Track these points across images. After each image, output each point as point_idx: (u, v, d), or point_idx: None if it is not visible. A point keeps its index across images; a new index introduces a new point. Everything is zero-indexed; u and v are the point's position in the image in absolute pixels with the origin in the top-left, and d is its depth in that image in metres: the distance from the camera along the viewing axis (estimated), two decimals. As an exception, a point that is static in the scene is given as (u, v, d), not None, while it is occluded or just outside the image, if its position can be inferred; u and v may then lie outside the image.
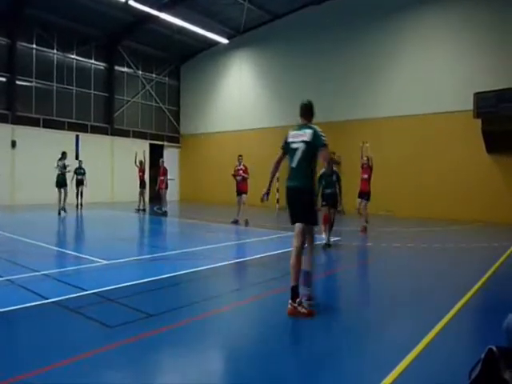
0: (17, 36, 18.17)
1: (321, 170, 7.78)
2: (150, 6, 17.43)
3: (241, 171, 12.45)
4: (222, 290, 5.48)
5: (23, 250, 8.02)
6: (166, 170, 15.52)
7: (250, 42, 21.28)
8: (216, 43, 21.97)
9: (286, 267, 6.53)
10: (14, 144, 17.98)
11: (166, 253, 7.68)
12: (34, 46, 18.93)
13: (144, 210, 15.75)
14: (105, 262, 6.55)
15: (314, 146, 4.35)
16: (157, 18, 18.70)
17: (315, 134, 4.37)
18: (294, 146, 4.45)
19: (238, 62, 22.07)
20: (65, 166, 14.07)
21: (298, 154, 4.39)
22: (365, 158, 11.00)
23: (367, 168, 10.94)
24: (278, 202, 17.76)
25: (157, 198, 16.47)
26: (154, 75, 23.85)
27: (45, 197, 16.68)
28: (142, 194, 15.86)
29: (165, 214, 14.72)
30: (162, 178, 15.15)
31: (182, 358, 3.28)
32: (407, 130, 15.94)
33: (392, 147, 16.01)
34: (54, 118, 19.59)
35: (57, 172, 14.03)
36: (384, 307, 4.73)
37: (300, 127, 4.60)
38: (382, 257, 7.89)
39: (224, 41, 21.09)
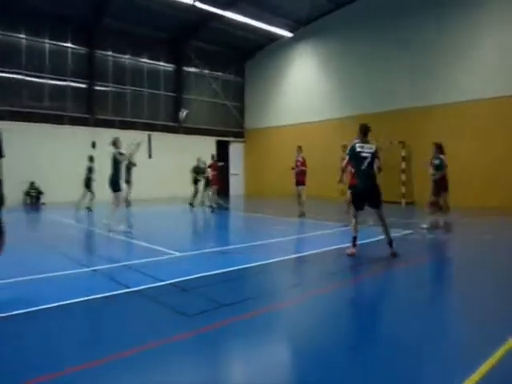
0: (95, 45, 19.54)
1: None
2: (215, 6, 17.84)
3: (298, 163, 12.33)
4: (289, 282, 5.53)
5: (103, 242, 8.68)
6: (218, 165, 15.38)
7: (312, 34, 21.00)
8: (279, 37, 21.99)
9: (350, 261, 6.48)
10: (94, 145, 19.37)
11: (235, 246, 7.86)
12: (110, 52, 20.24)
13: (212, 206, 15.99)
14: (178, 254, 6.88)
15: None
16: (221, 16, 19.12)
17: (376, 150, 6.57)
18: (364, 154, 6.44)
19: (302, 54, 21.90)
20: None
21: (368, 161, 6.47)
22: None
23: None
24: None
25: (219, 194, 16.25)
26: (219, 73, 24.43)
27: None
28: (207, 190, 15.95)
29: (212, 209, 14.51)
30: (214, 173, 15.01)
31: (256, 348, 3.36)
32: (480, 115, 14.86)
33: (463, 134, 15.02)
34: (128, 118, 20.84)
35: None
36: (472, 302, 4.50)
37: (364, 141, 6.57)
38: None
39: (287, 34, 21.04)
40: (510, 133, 14.18)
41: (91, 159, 14.99)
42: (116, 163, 9.71)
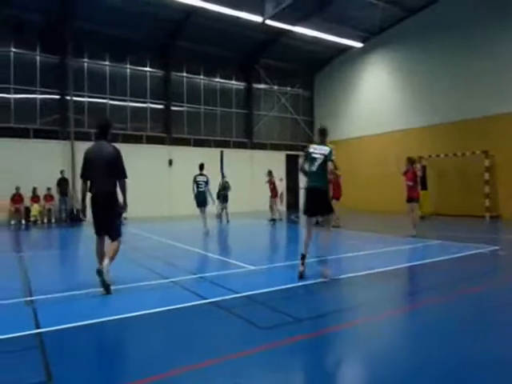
0: (170, 67, 20.73)
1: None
2: (284, 22, 18.11)
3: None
4: (366, 298, 5.30)
5: (180, 255, 9.00)
6: (273, 180, 15.97)
7: (385, 43, 20.48)
8: (348, 48, 21.74)
9: (433, 278, 6.08)
10: (170, 162, 20.41)
11: (308, 260, 7.74)
12: (184, 74, 21.33)
13: (277, 219, 16.02)
14: (252, 267, 6.93)
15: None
16: (290, 32, 19.36)
17: (331, 151, 6.08)
18: (314, 155, 6.11)
19: (374, 64, 21.41)
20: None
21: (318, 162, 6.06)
22: None
23: None
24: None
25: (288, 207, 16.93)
26: (288, 88, 24.66)
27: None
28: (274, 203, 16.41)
29: (273, 221, 15.07)
30: (271, 187, 15.74)
31: (328, 367, 3.26)
32: None
33: None
34: (202, 137, 21.70)
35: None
36: None
37: (319, 144, 6.32)
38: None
39: (358, 45, 20.72)
40: None
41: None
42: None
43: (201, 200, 11.83)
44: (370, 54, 21.36)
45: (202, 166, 11.96)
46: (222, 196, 16.23)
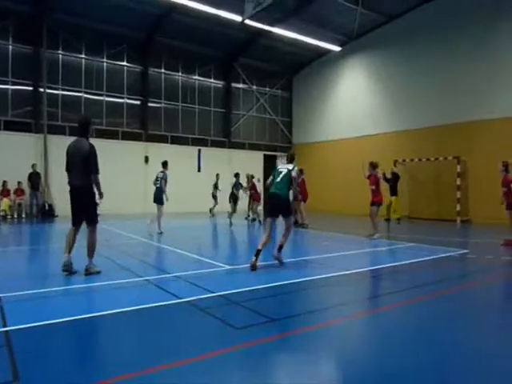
0: (148, 63, 20.46)
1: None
2: (264, 23, 18.15)
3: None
4: (342, 299, 5.36)
5: (155, 253, 8.90)
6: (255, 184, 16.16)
7: (363, 47, 20.82)
8: (327, 52, 21.99)
9: (405, 280, 6.21)
10: (147, 159, 20.13)
11: (285, 260, 7.78)
12: (163, 70, 21.09)
13: (253, 219, 16.10)
14: (228, 266, 6.92)
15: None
16: (269, 32, 19.44)
17: (294, 167, 7.19)
18: (280, 170, 7.25)
19: (351, 68, 21.73)
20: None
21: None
22: None
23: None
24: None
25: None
26: (267, 89, 24.73)
27: (174, 206, 18.25)
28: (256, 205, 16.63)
29: (253, 221, 15.61)
30: (253, 191, 15.96)
31: (303, 367, 3.25)
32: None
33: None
34: (180, 134, 21.51)
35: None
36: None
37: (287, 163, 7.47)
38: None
39: (336, 48, 20.98)
40: None
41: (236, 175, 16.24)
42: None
43: (154, 196, 11.46)
44: (349, 58, 21.66)
45: (164, 164, 11.64)
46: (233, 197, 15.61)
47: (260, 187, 16.27)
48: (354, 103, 21.46)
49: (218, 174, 18.27)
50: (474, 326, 4.25)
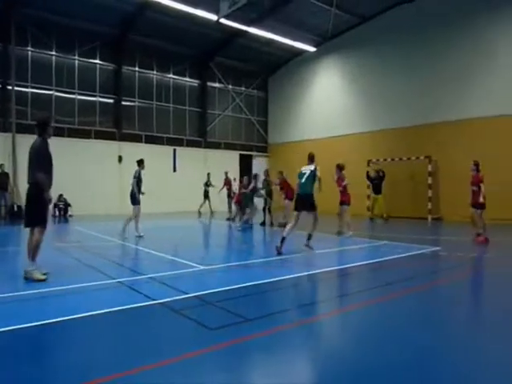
0: (122, 61, 20.09)
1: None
2: (240, 22, 18.11)
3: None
4: (315, 298, 5.39)
5: (129, 254, 8.74)
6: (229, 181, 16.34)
7: (337, 48, 21.04)
8: (303, 52, 22.12)
9: (378, 277, 6.31)
10: (120, 159, 19.77)
11: (258, 260, 7.79)
12: (137, 68, 20.76)
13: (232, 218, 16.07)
14: (202, 267, 6.85)
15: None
16: (245, 32, 19.41)
17: (315, 169, 8.38)
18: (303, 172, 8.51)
19: (326, 68, 21.93)
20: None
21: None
22: None
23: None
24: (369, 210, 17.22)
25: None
26: (242, 88, 24.69)
27: (149, 206, 18.01)
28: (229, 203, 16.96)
29: (231, 220, 15.52)
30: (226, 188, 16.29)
31: (278, 365, 3.24)
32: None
33: (493, 150, 14.63)
34: (154, 133, 21.22)
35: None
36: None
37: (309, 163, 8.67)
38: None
39: (311, 49, 21.13)
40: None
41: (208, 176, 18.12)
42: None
43: (130, 196, 10.94)
44: (324, 59, 21.85)
45: (139, 162, 11.08)
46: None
47: (236, 186, 16.26)
48: (329, 103, 21.66)
49: (209, 174, 18.66)
50: (442, 323, 4.33)
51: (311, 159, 8.72)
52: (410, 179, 17.24)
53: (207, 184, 18.62)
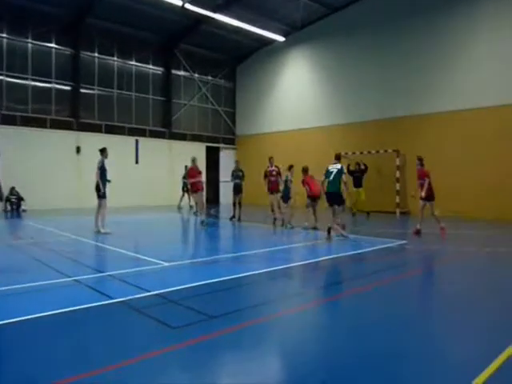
0: (80, 45, 18.95)
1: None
2: (205, 8, 17.47)
3: (274, 172, 12.85)
4: (279, 294, 5.16)
5: (87, 251, 8.13)
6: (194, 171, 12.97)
7: (307, 38, 20.72)
8: (271, 42, 21.69)
9: (343, 271, 6.10)
10: (78, 150, 18.73)
11: (223, 255, 7.54)
12: (96, 54, 19.66)
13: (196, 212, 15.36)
14: (165, 263, 6.43)
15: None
16: (212, 19, 18.76)
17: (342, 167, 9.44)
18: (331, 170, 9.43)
19: (295, 59, 21.61)
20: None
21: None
22: None
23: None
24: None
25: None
26: (209, 78, 23.99)
27: (110, 200, 17.17)
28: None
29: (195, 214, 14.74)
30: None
31: (244, 362, 3.13)
32: (479, 124, 14.64)
33: (460, 144, 14.83)
34: (115, 123, 20.22)
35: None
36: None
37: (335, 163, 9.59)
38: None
39: (280, 38, 20.76)
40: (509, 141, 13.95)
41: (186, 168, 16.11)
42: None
43: (95, 189, 10.46)
44: (292, 49, 21.52)
45: (101, 150, 10.60)
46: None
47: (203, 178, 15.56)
48: (297, 95, 21.38)
49: (186, 166, 16.63)
50: (404, 316, 4.25)
51: (337, 158, 9.67)
52: (377, 173, 17.22)
53: (186, 177, 17.48)
